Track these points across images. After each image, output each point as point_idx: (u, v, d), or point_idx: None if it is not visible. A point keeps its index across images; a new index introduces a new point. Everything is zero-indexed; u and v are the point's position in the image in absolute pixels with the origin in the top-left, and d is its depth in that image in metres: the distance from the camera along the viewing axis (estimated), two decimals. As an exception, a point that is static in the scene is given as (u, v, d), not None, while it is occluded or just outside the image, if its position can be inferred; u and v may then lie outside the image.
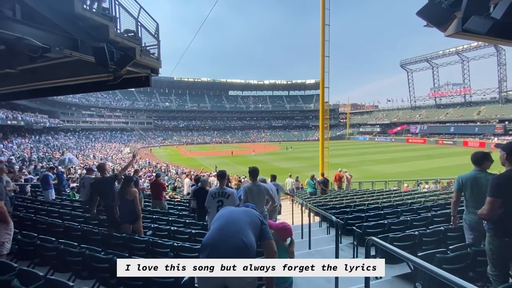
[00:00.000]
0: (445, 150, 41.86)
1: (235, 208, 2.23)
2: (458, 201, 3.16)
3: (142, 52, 4.71)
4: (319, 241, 5.27)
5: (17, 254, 3.51)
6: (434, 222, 4.57)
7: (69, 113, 55.50)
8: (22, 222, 4.67)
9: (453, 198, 3.18)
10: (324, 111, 16.72)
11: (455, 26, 2.75)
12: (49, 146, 30.31)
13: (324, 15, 15.04)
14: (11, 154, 19.30)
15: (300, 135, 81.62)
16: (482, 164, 3.01)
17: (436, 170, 23.48)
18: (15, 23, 3.10)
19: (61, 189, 9.18)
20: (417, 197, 8.03)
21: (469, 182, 2.96)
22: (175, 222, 5.30)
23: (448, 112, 61.84)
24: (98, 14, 3.89)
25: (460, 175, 3.11)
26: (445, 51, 60.76)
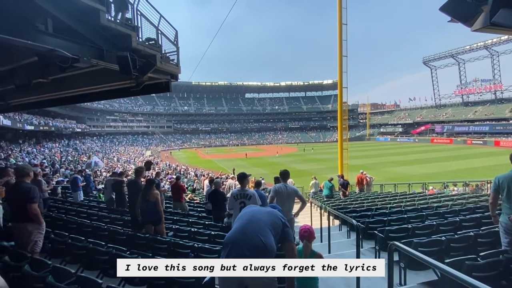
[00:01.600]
0: (474, 150, 39.49)
1: (258, 207, 2.22)
2: (496, 202, 3.02)
3: (162, 59, 4.88)
4: (339, 245, 5.16)
5: (50, 252, 3.74)
6: (463, 227, 4.33)
7: (95, 118, 58.44)
8: (54, 222, 4.97)
9: (490, 199, 3.04)
10: (343, 111, 16.38)
11: (483, 20, 2.62)
12: (77, 150, 32.03)
13: (341, 14, 14.78)
14: (43, 158, 20.60)
15: (318, 136, 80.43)
16: None
17: (464, 171, 22.21)
18: (47, 36, 3.34)
19: (88, 190, 9.69)
20: (444, 200, 7.64)
21: (506, 183, 2.81)
22: (195, 224, 5.41)
23: (477, 110, 58.36)
24: (122, 25, 4.09)
25: (497, 176, 2.96)
26: (472, 45, 57.53)
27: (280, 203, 3.92)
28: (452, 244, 3.37)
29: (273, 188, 4.13)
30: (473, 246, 3.43)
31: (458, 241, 3.41)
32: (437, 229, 4.30)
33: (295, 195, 4.14)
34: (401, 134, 69.73)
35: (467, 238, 3.46)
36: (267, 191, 8.77)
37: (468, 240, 3.45)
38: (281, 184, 4.15)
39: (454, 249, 3.36)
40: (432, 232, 4.18)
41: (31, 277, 2.49)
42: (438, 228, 4.32)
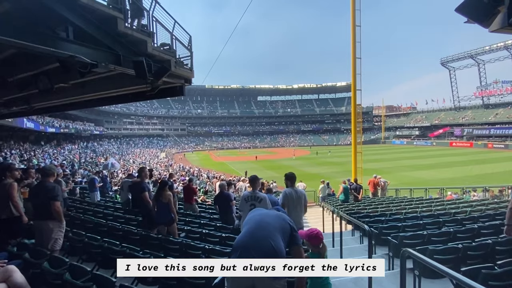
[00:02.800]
0: (495, 154, 37.74)
1: (267, 211, 2.21)
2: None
3: (176, 63, 5.01)
4: (352, 250, 5.07)
5: (68, 250, 3.90)
6: (481, 235, 4.16)
7: (112, 121, 60.34)
8: (72, 221, 5.17)
9: (510, 205, 2.90)
10: (357, 114, 16.12)
11: (500, 21, 2.53)
12: (95, 151, 33.15)
13: (355, 16, 14.62)
14: (63, 159, 21.47)
15: (331, 139, 79.36)
16: None
17: (485, 176, 21.24)
18: (68, 43, 3.51)
19: (105, 191, 10.00)
20: (462, 206, 7.35)
21: None
22: (207, 225, 5.48)
23: (498, 113, 55.80)
24: (138, 31, 4.24)
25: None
26: (492, 46, 55.23)
27: (291, 208, 3.87)
28: (469, 252, 3.25)
29: (283, 194, 4.07)
30: (490, 254, 3.29)
31: (476, 249, 3.28)
32: (454, 236, 4.15)
33: (304, 200, 4.05)
34: (418, 137, 67.63)
35: (485, 246, 3.32)
36: (277, 194, 8.75)
37: (486, 248, 3.31)
38: (290, 188, 4.07)
39: (471, 257, 3.23)
40: (448, 240, 4.04)
41: (49, 274, 2.61)
42: (455, 235, 4.17)
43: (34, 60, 4.26)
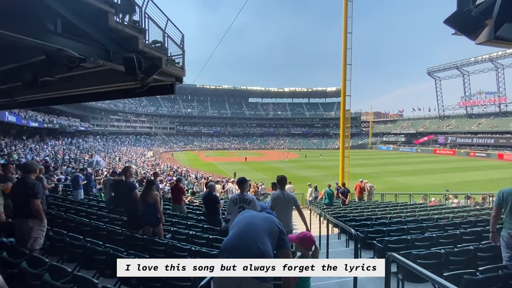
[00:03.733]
0: (477, 162, 39.17)
1: (255, 213, 2.18)
2: (498, 216, 2.97)
3: (168, 61, 4.94)
4: (338, 253, 5.12)
5: (48, 249, 3.75)
6: (463, 241, 4.29)
7: (99, 117, 58.85)
8: (53, 220, 4.98)
9: (493, 212, 3.01)
10: (346, 119, 16.39)
11: (487, 34, 2.63)
12: (80, 148, 32.20)
13: (347, 23, 14.89)
14: (46, 155, 20.73)
15: (320, 143, 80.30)
16: None
17: (467, 184, 22.01)
18: (56, 36, 3.39)
19: (89, 189, 9.72)
20: (445, 212, 7.57)
21: (510, 198, 2.78)
22: (194, 227, 5.40)
23: (481, 122, 58.11)
24: (129, 27, 4.16)
25: (501, 189, 2.93)
26: (477, 58, 57.56)
27: (279, 211, 3.85)
28: (451, 258, 3.34)
29: (271, 197, 4.04)
30: (472, 260, 3.40)
31: (458, 255, 3.38)
32: (436, 242, 4.26)
33: (293, 203, 4.01)
34: (404, 144, 69.43)
35: (466, 251, 3.43)
36: (266, 196, 8.74)
37: (468, 254, 3.41)
38: (278, 191, 4.02)
39: (453, 263, 3.32)
40: (431, 245, 4.14)
41: (28, 274, 2.49)
42: (438, 241, 4.28)
43: (19, 52, 4.10)
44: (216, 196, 5.76)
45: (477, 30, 2.80)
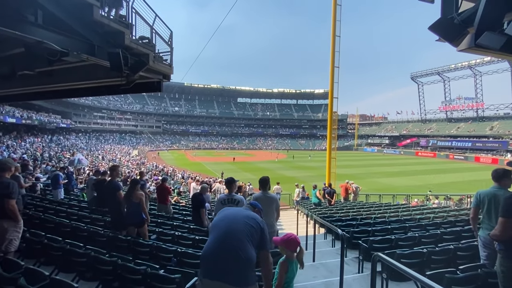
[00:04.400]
0: (456, 165, 40.84)
1: (236, 213, 2.04)
2: (476, 217, 3.10)
3: (155, 58, 4.83)
4: (324, 253, 5.18)
5: (24, 252, 3.56)
6: (444, 240, 4.44)
7: (81, 114, 56.81)
8: (31, 221, 4.75)
9: (471, 214, 3.13)
10: (333, 121, 16.64)
11: (468, 41, 2.74)
12: (61, 146, 30.99)
13: (335, 26, 15.13)
14: (23, 152, 19.81)
15: (307, 144, 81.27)
16: (502, 181, 2.93)
17: (446, 185, 22.90)
18: (36, 28, 3.23)
19: (70, 189, 9.35)
20: (426, 212, 7.83)
21: (487, 199, 2.89)
22: (180, 227, 5.30)
23: (460, 127, 60.65)
24: (115, 21, 4.02)
25: (478, 191, 3.04)
26: (457, 65, 60.03)
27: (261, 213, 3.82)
28: (433, 257, 3.44)
29: (252, 198, 3.97)
30: (453, 259, 3.52)
31: (439, 254, 3.49)
32: (419, 241, 4.39)
33: (275, 204, 3.88)
34: (388, 146, 71.41)
35: (447, 251, 3.54)
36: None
37: (448, 253, 3.53)
38: (260, 193, 3.94)
39: (434, 262, 3.43)
40: (414, 244, 4.26)
41: (2, 278, 2.35)
42: (420, 240, 4.41)
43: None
44: (203, 199, 5.57)
45: (459, 37, 2.91)
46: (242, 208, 2.25)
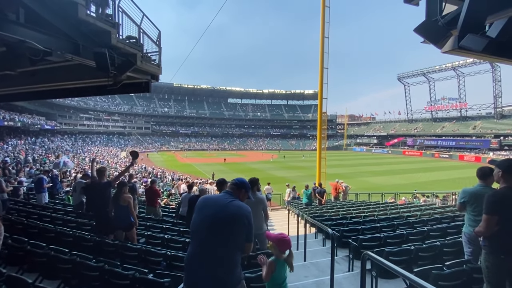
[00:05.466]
0: (441, 163, 42.06)
1: (219, 210, 1.84)
2: (463, 211, 3.17)
3: (143, 58, 4.74)
4: (315, 253, 5.21)
5: (6, 259, 3.42)
6: (430, 237, 4.55)
7: (67, 115, 55.33)
8: (13, 226, 4.57)
9: (458, 209, 3.20)
10: (322, 121, 16.82)
11: (451, 43, 2.81)
12: (45, 148, 30.03)
13: (324, 28, 15.30)
14: (6, 155, 19.07)
15: (298, 144, 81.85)
16: (487, 179, 3.00)
17: (432, 183, 23.53)
18: (18, 26, 3.12)
19: (55, 192, 9.06)
20: (413, 210, 8.01)
21: (473, 196, 2.97)
22: (169, 230, 5.22)
23: (444, 126, 62.53)
24: (101, 20, 3.93)
25: (464, 188, 3.11)
26: (441, 66, 61.87)
27: None
28: (420, 253, 3.52)
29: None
30: (439, 255, 3.61)
31: (426, 251, 3.57)
32: (407, 239, 4.48)
33: (262, 206, 3.83)
34: (376, 146, 72.85)
35: (434, 247, 3.63)
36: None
37: (435, 250, 3.62)
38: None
39: (422, 258, 3.50)
40: (402, 242, 4.34)
41: (-20, 287, 2.25)
42: (408, 238, 4.50)
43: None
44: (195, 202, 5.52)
45: (443, 39, 2.99)
46: (224, 201, 1.92)
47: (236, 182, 2.11)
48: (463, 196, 3.06)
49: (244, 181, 2.16)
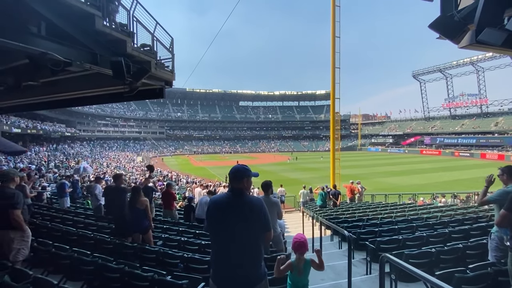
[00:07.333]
0: (462, 162, 40.39)
1: (232, 208, 1.83)
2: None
3: (157, 65, 4.87)
4: (331, 255, 5.13)
5: (32, 261, 3.58)
6: (452, 239, 4.38)
7: (85, 122, 57.43)
8: (38, 230, 4.78)
9: (480, 205, 3.05)
10: (335, 121, 16.59)
11: (469, 38, 2.72)
12: (66, 154, 31.28)
13: (335, 27, 15.15)
14: (29, 161, 20.02)
15: (311, 146, 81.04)
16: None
17: (453, 183, 22.61)
18: (40, 39, 3.29)
19: (75, 197, 9.42)
20: (433, 211, 7.74)
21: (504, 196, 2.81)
22: (185, 233, 5.31)
23: (464, 123, 60.10)
24: (117, 30, 4.08)
25: (505, 189, 2.90)
26: (459, 61, 59.70)
27: None
28: (441, 256, 3.39)
29: None
30: (462, 258, 3.46)
31: (448, 253, 3.44)
32: (427, 241, 4.33)
33: (276, 208, 3.88)
34: (392, 145, 70.94)
35: (456, 250, 3.49)
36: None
37: (457, 252, 3.48)
38: (262, 197, 3.94)
39: (443, 261, 3.38)
40: (422, 244, 4.20)
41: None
42: (428, 240, 4.35)
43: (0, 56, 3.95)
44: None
45: (459, 35, 2.90)
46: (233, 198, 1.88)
47: (234, 175, 1.93)
48: (501, 197, 2.78)
49: (239, 168, 1.94)
